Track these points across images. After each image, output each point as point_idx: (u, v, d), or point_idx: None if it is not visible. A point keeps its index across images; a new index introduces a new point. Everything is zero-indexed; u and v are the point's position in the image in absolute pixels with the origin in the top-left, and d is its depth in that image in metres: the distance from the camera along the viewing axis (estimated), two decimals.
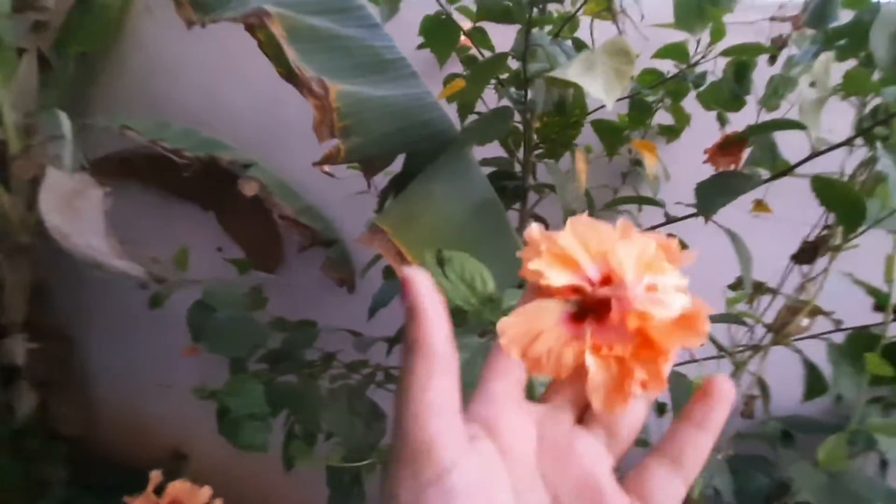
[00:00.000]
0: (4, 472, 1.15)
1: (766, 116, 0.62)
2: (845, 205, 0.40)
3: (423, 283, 0.20)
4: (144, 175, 1.29)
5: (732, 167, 0.55)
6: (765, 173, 0.50)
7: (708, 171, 0.63)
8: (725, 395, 0.21)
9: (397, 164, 0.69)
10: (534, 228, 0.23)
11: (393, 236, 0.47)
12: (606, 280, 0.22)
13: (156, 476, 0.45)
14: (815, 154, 0.44)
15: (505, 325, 0.22)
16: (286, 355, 0.58)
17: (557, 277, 0.22)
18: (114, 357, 1.34)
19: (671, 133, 0.82)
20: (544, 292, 0.22)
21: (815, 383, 0.56)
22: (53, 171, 0.75)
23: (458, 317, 0.43)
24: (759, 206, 0.59)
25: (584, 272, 0.22)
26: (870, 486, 0.58)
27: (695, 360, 0.59)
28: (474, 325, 0.40)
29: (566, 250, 0.22)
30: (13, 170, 1.01)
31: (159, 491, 0.45)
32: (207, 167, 1.11)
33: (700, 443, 0.21)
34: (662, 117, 0.82)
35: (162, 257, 0.73)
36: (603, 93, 0.37)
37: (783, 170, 0.46)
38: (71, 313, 1.35)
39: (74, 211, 0.73)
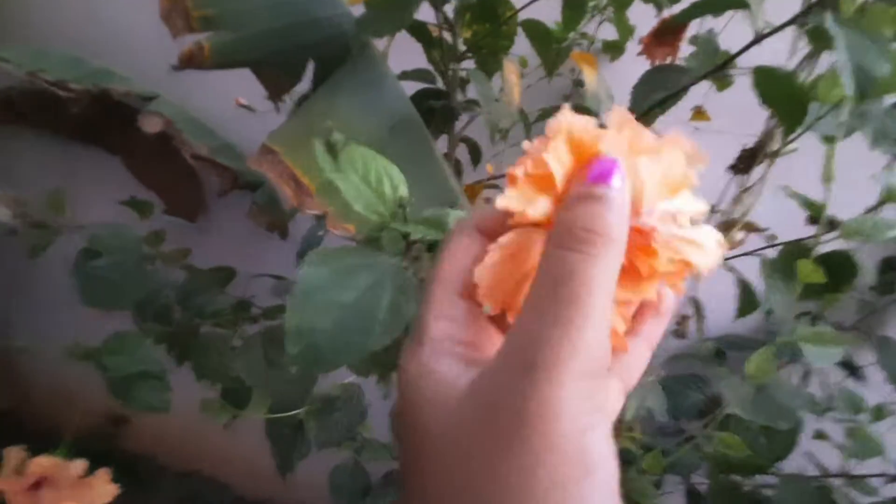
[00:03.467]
0: None
1: (707, 22, 0.57)
2: (787, 99, 0.36)
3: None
4: (31, 116, 1.12)
5: (669, 59, 0.50)
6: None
7: None
8: (672, 308, 0.19)
9: None
10: (566, 115, 0.17)
11: (286, 157, 0.40)
12: None
13: (17, 454, 0.38)
14: (758, 38, 0.39)
15: (482, 273, 0.17)
16: (183, 302, 0.51)
17: (536, 208, 0.16)
18: (37, 323, 1.22)
19: (615, 49, 0.76)
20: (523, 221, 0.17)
21: (747, 300, 0.56)
22: None
23: (364, 230, 0.37)
24: (699, 114, 0.55)
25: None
26: (793, 395, 0.60)
27: None
28: (384, 242, 0.33)
29: (549, 170, 0.16)
30: None
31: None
32: (102, 102, 0.96)
33: (645, 356, 0.19)
34: (607, 32, 0.76)
35: (33, 200, 0.63)
36: None
37: (724, 61, 0.41)
38: None
39: None
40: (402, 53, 0.65)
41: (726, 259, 0.51)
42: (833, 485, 0.65)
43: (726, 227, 0.48)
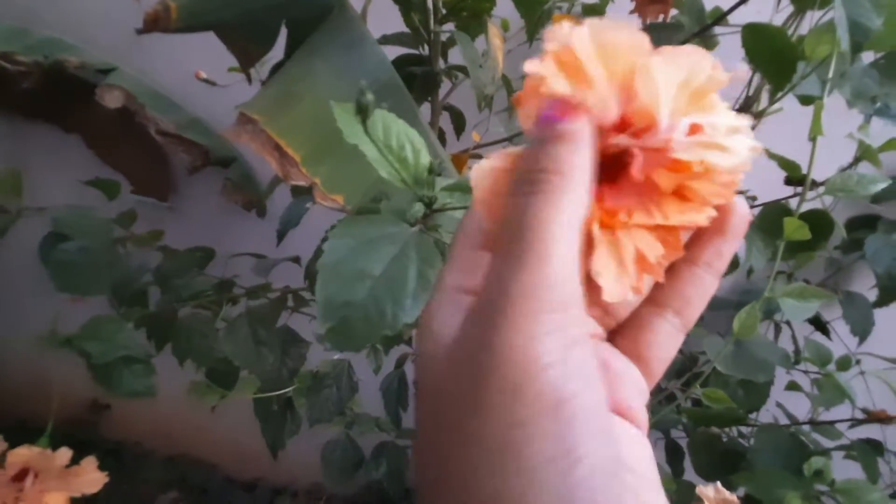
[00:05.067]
0: None
1: None
2: (776, 56, 0.36)
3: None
4: None
5: (661, 18, 0.50)
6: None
7: None
8: (741, 225, 0.17)
9: None
10: (563, 26, 0.15)
11: (266, 125, 0.38)
12: (624, 120, 0.15)
13: None
14: None
15: (480, 173, 0.15)
16: (162, 285, 0.49)
17: (563, 87, 0.14)
18: (7, 311, 1.16)
19: (596, 13, 0.75)
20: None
21: None
22: None
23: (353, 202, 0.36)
24: None
25: (601, 98, 0.14)
26: (769, 349, 0.63)
27: None
28: (399, 210, 0.31)
29: (581, 60, 0.14)
30: None
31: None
32: (54, 76, 0.89)
33: (707, 286, 0.17)
34: None
35: None
36: None
37: (717, 17, 0.41)
38: None
39: None
40: (381, 18, 0.63)
41: None
42: (802, 431, 0.69)
43: None
